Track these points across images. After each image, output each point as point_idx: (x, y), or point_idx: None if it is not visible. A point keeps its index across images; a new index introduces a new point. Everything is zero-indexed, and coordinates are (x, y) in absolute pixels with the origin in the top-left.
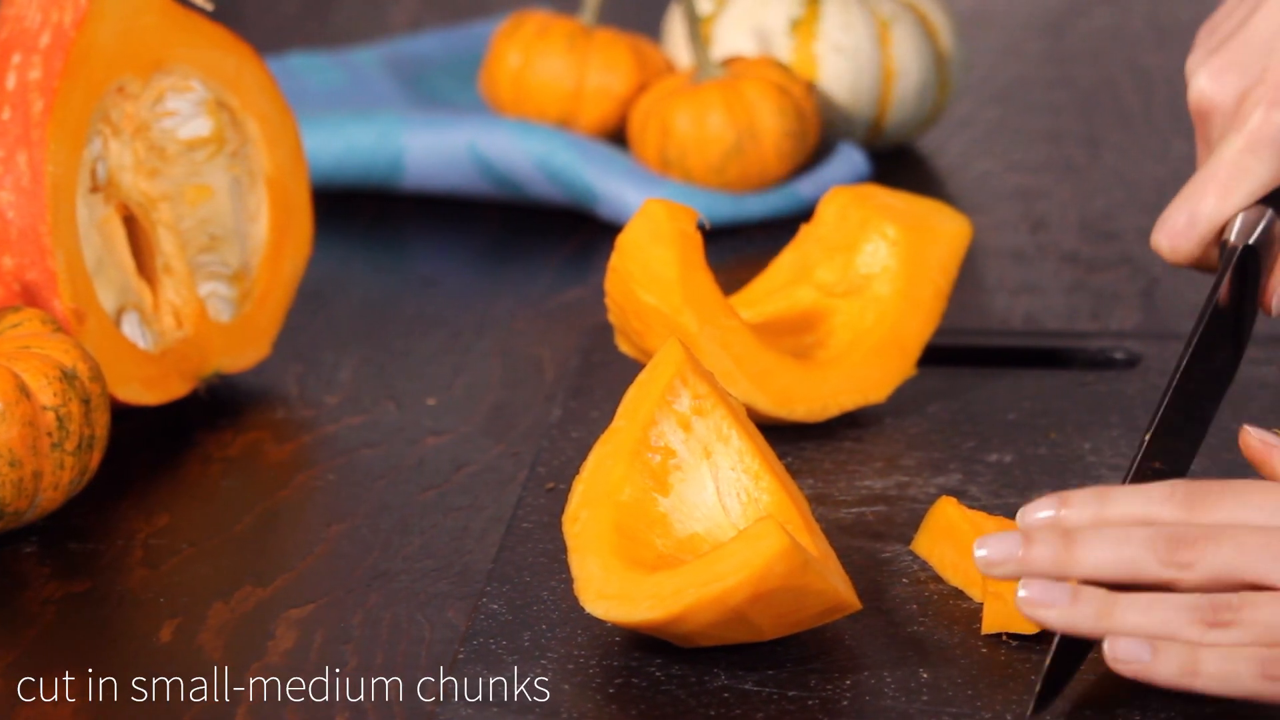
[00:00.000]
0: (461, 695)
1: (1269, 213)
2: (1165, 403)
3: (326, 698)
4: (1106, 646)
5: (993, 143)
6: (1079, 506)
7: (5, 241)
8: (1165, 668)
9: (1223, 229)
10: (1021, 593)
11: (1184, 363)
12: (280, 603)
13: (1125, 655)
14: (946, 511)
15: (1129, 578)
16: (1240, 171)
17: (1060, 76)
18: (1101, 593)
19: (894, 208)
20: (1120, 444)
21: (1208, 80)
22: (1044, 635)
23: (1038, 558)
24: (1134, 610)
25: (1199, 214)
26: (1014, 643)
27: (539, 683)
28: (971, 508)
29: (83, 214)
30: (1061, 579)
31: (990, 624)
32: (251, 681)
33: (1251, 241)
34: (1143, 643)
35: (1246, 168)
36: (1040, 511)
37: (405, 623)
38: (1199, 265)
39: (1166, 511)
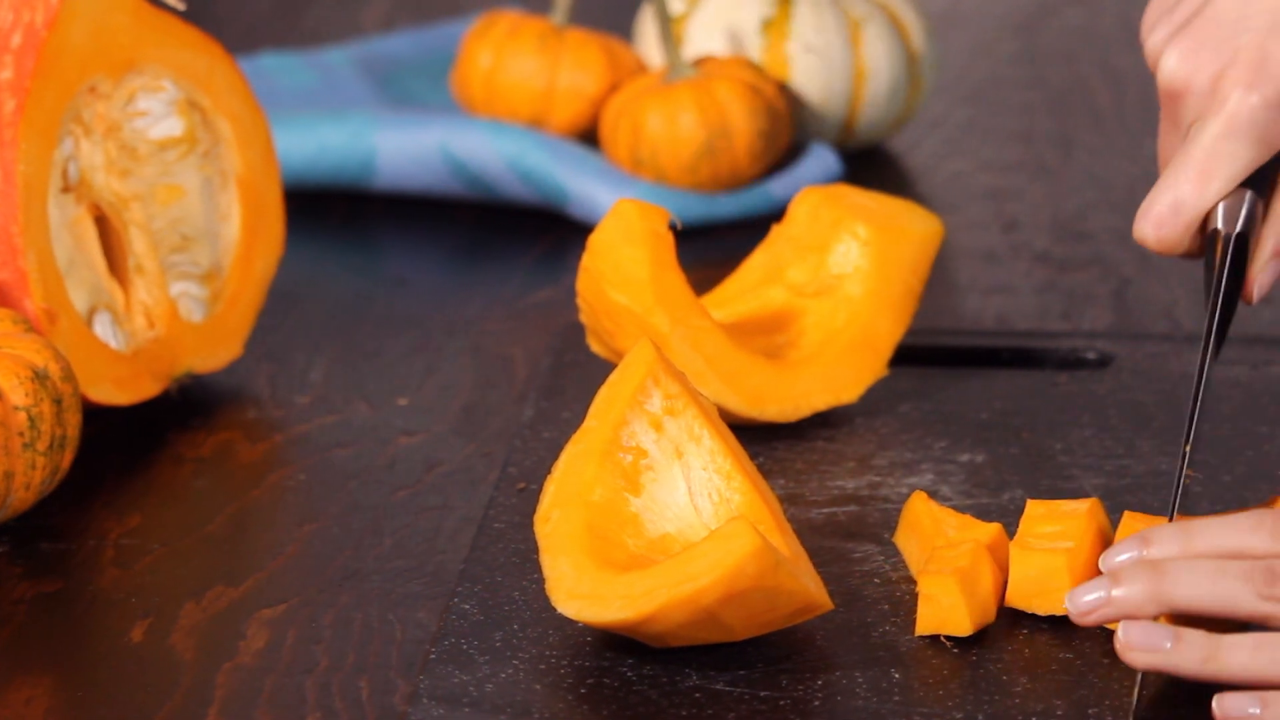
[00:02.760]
0: (433, 695)
1: (1249, 195)
2: (1196, 409)
3: (298, 698)
4: (1216, 706)
5: (964, 143)
6: (1163, 543)
7: None
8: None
9: (1206, 215)
10: (1121, 636)
11: (1205, 363)
12: (252, 603)
13: (1236, 711)
14: (915, 507)
15: (1225, 611)
16: (1221, 156)
17: (1032, 76)
18: (1205, 635)
19: (866, 208)
20: (1092, 444)
21: (1179, 61)
22: (983, 636)
23: (1129, 596)
24: (1241, 651)
25: (1182, 201)
26: (953, 646)
27: (511, 682)
28: (943, 507)
29: (54, 214)
30: (1156, 618)
31: (924, 626)
32: (223, 681)
33: (1240, 228)
34: (1250, 696)
35: (1227, 152)
36: (1123, 554)
37: (377, 623)
38: (1183, 254)
39: (1258, 542)
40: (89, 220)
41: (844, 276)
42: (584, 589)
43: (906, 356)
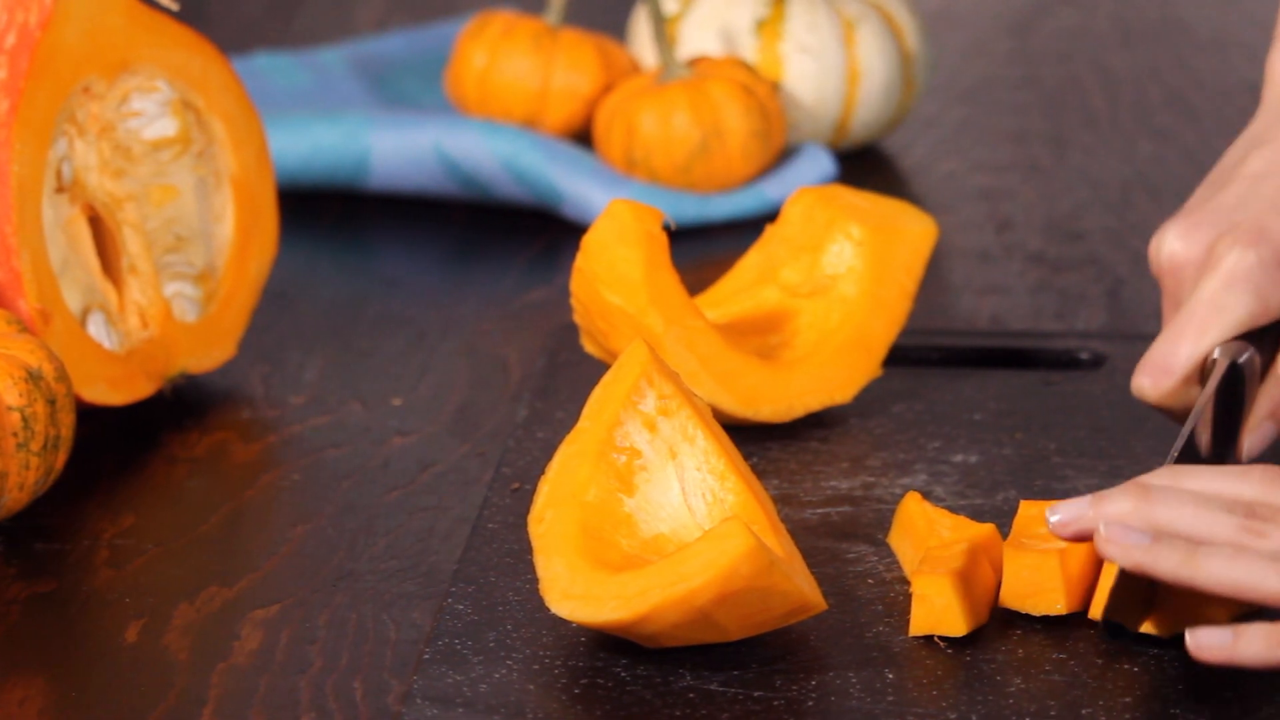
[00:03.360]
0: (427, 696)
1: (1250, 349)
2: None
3: (292, 698)
4: (1189, 638)
5: (958, 143)
6: (1154, 476)
7: None
8: (1250, 648)
9: (1204, 367)
10: (1102, 530)
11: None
12: (246, 603)
13: (1210, 642)
14: (909, 507)
15: (1204, 535)
16: (1217, 308)
17: (1026, 77)
18: (1184, 541)
19: (859, 208)
20: (1086, 444)
21: (1177, 238)
22: (977, 637)
23: (1113, 508)
24: (1219, 558)
25: (1179, 351)
26: (947, 647)
27: (504, 683)
28: (937, 508)
29: (48, 214)
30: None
31: (917, 626)
32: (217, 682)
33: (1239, 361)
34: (1223, 629)
35: (1223, 304)
36: (1116, 502)
37: (370, 623)
38: (1180, 405)
39: (1246, 489)
40: (83, 220)
41: (838, 277)
42: (578, 589)
43: (900, 357)
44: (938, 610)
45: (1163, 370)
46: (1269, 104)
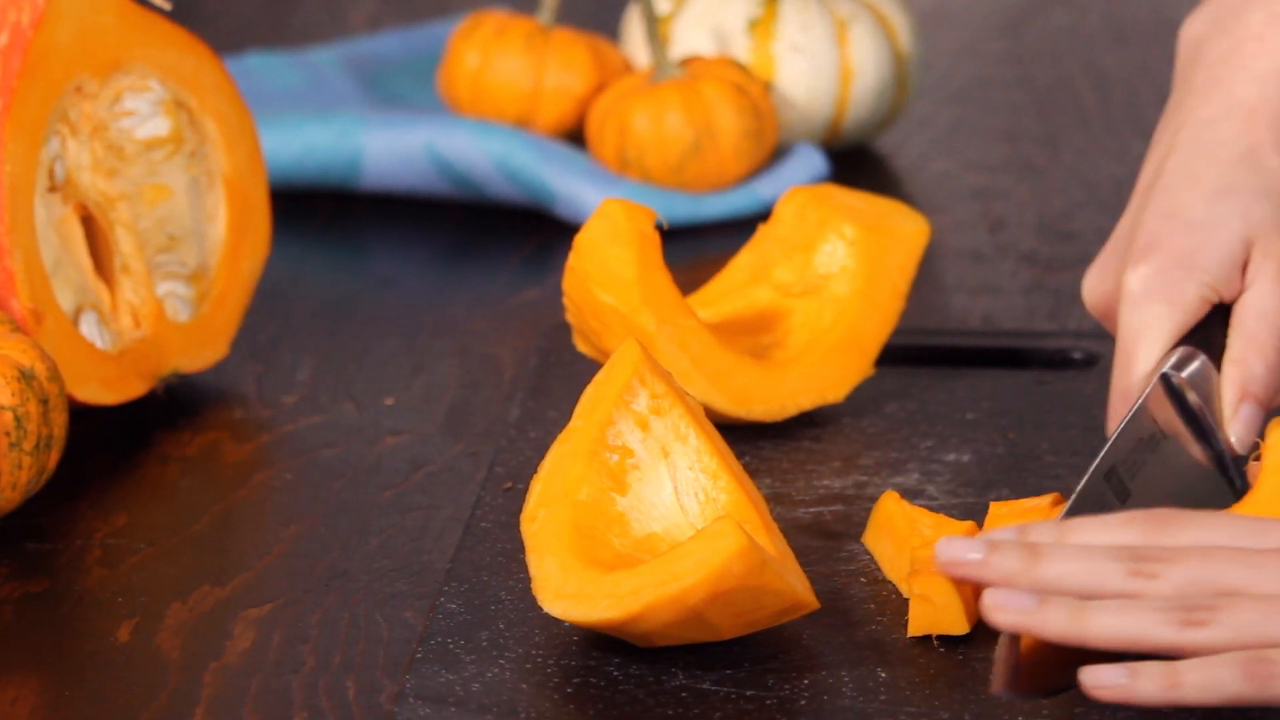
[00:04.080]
0: (419, 695)
1: (1198, 356)
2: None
3: (284, 698)
4: (1085, 676)
5: (951, 142)
6: (1040, 532)
7: None
8: (1147, 686)
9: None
10: (987, 599)
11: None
12: (238, 602)
13: (1106, 681)
14: (888, 506)
15: (1093, 589)
16: (1139, 333)
17: (1018, 76)
18: (1070, 600)
19: (852, 208)
20: (1078, 443)
21: (1092, 283)
22: (971, 636)
23: (1000, 564)
24: (1106, 613)
25: (1129, 384)
26: (940, 645)
27: (497, 682)
28: (929, 508)
29: (40, 214)
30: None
31: (916, 626)
32: (209, 681)
33: (1168, 371)
34: (1119, 667)
35: (1142, 326)
36: (1000, 535)
37: (363, 622)
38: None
39: (1130, 536)
40: (75, 220)
41: (830, 276)
42: (570, 588)
43: (893, 356)
44: (938, 610)
45: (1118, 410)
46: (1175, 86)
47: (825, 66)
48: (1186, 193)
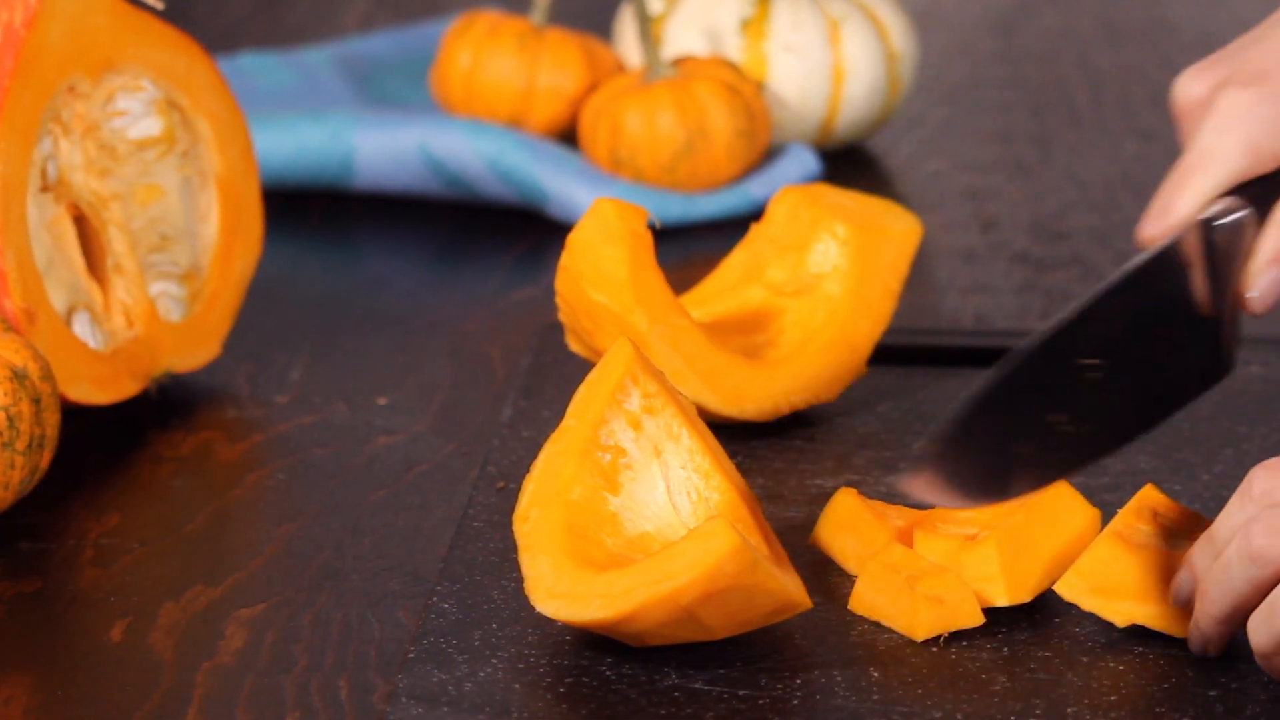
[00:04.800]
0: (412, 694)
1: (1244, 208)
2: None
3: (277, 697)
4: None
5: (943, 142)
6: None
7: None
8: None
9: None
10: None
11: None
12: (231, 602)
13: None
14: (847, 503)
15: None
16: (1209, 154)
17: (1011, 76)
18: None
19: (844, 207)
20: None
21: (1188, 80)
22: (964, 634)
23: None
24: None
25: (1175, 203)
26: (946, 643)
27: (489, 682)
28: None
29: (33, 213)
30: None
31: (929, 628)
32: (202, 681)
33: (1212, 219)
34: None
35: (1215, 148)
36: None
37: (356, 622)
38: None
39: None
40: (68, 220)
41: (823, 276)
42: (563, 588)
43: (885, 356)
44: (952, 608)
45: (1155, 221)
46: None
47: (817, 66)
48: None
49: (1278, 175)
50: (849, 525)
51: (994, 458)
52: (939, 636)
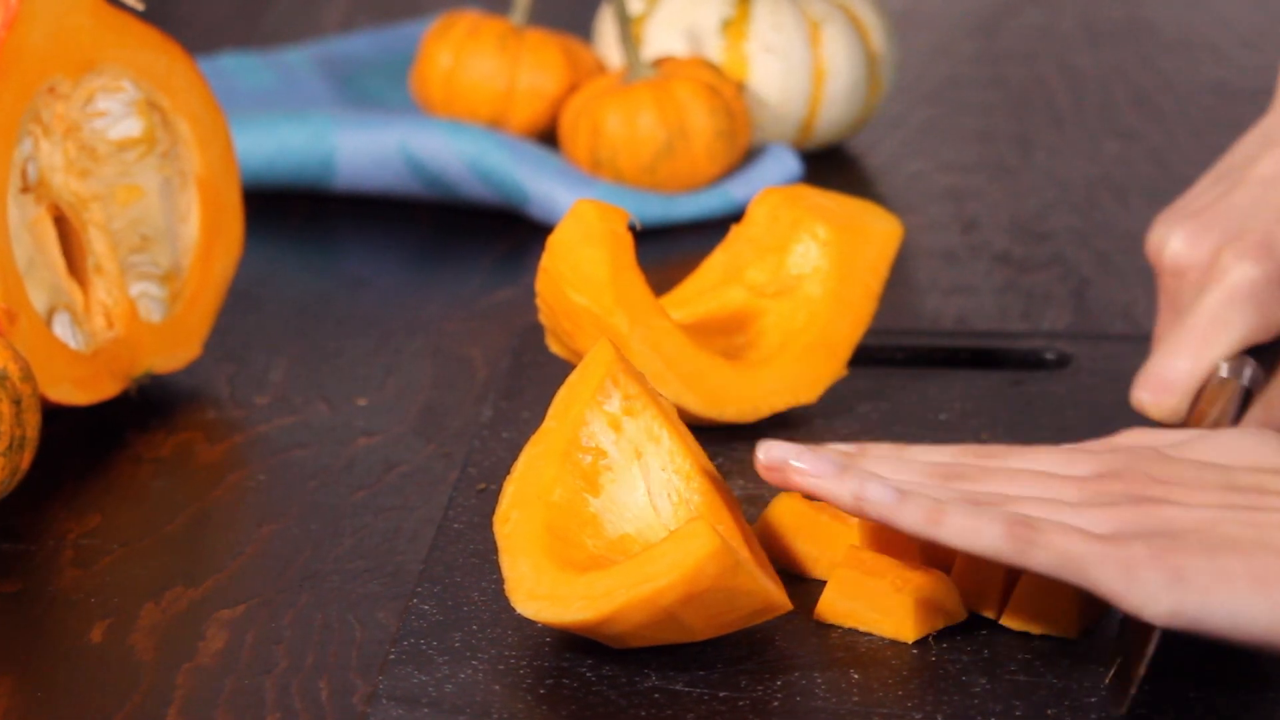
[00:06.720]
0: (392, 696)
1: (1251, 363)
2: None
3: (257, 699)
4: (860, 487)
5: (924, 143)
6: (876, 450)
7: None
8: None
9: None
10: (849, 489)
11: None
12: (211, 603)
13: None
14: (793, 508)
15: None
16: (1220, 324)
17: (991, 76)
18: (930, 497)
19: (825, 208)
20: (1051, 444)
21: (1184, 242)
22: (968, 624)
23: (817, 465)
24: (958, 514)
25: (1179, 367)
26: (938, 644)
27: (470, 683)
28: (815, 502)
29: (13, 214)
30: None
31: (918, 629)
32: (182, 682)
33: (1245, 383)
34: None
35: (1226, 320)
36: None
37: (336, 623)
38: (1179, 419)
39: (956, 457)
40: (48, 220)
41: (803, 277)
42: (543, 590)
43: (866, 357)
44: (941, 608)
45: (1164, 387)
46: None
47: (798, 67)
48: None
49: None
50: (800, 530)
51: None
52: (928, 636)
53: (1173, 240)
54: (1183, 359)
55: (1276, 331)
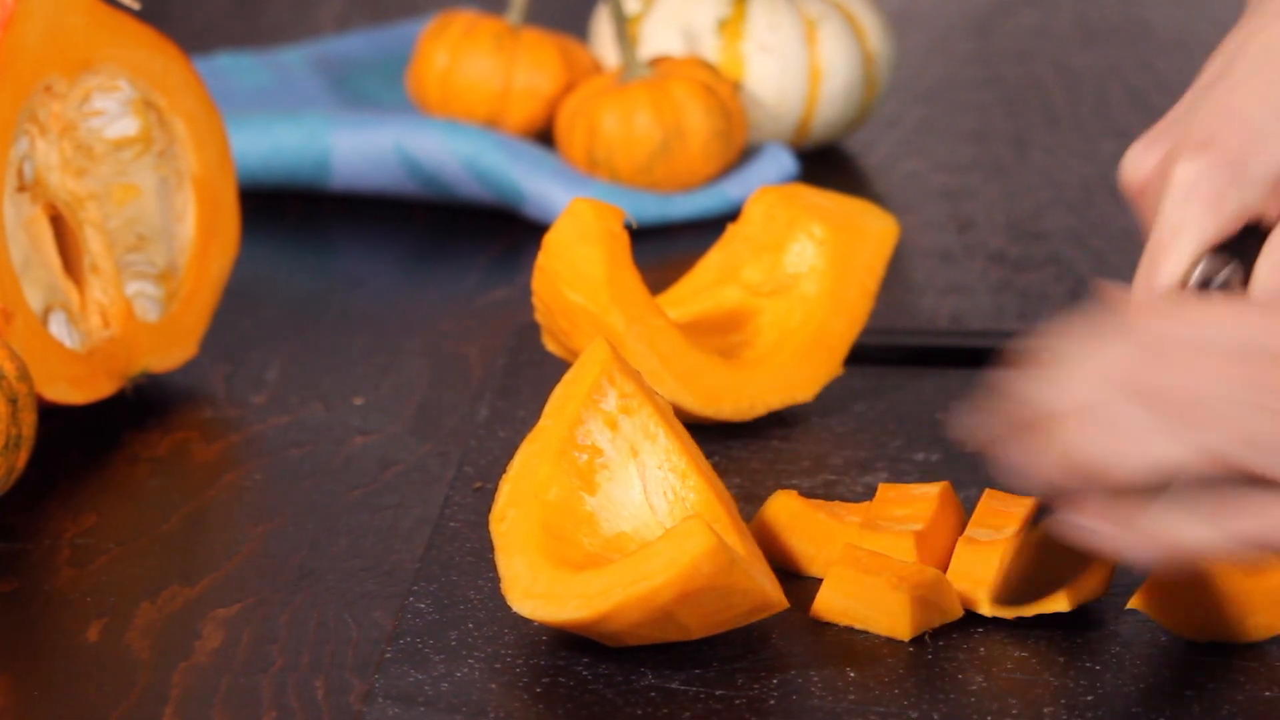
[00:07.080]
0: (388, 695)
1: (1229, 265)
2: None
3: (253, 697)
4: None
5: (920, 142)
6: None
7: None
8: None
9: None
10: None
11: None
12: (207, 602)
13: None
14: (789, 506)
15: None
16: (1178, 228)
17: (987, 76)
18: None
19: (821, 207)
20: None
21: (1134, 157)
22: (964, 622)
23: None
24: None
25: (1153, 284)
26: (929, 641)
27: (466, 682)
28: (813, 500)
29: (9, 213)
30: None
31: (916, 627)
32: (178, 681)
33: (1206, 281)
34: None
35: (1182, 221)
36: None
37: (332, 622)
38: None
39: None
40: (44, 220)
41: (799, 276)
42: (539, 588)
43: (862, 355)
44: (938, 607)
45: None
46: (1251, 6)
47: (794, 66)
48: (1252, 97)
49: (1245, 232)
50: (796, 529)
51: None
52: (924, 634)
53: (1128, 159)
54: (1153, 274)
55: (1237, 220)
